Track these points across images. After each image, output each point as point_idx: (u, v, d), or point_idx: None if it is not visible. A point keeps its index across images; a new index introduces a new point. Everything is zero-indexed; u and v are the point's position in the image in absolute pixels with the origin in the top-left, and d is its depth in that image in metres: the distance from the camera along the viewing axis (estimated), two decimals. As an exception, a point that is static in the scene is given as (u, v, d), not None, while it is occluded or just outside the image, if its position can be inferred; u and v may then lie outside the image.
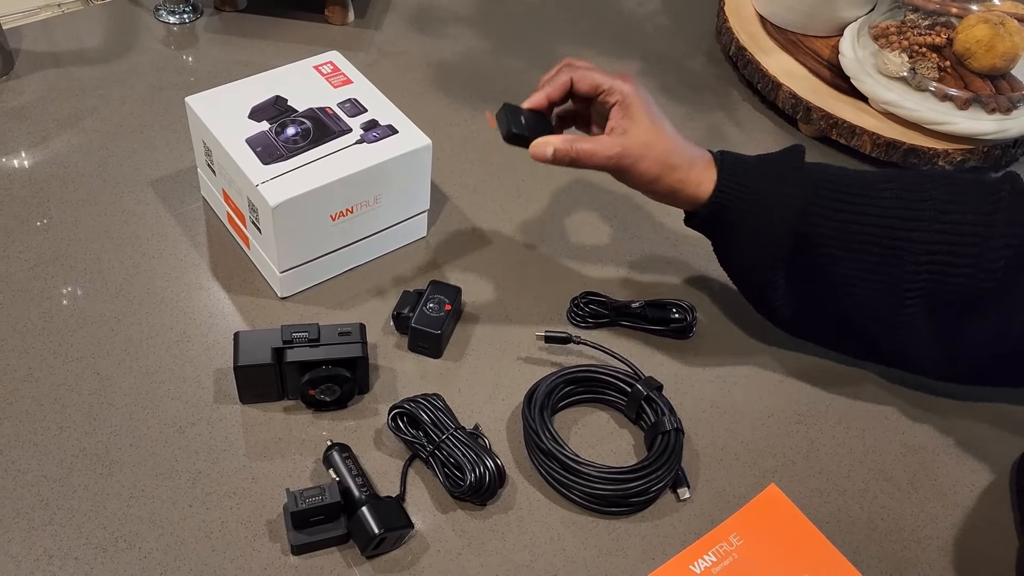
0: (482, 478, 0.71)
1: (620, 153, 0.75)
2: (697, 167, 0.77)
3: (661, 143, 0.76)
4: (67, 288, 0.86)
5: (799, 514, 0.74)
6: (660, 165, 0.76)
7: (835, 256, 0.76)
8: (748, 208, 0.76)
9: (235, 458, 0.75)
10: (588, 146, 0.75)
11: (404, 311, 0.84)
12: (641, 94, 0.76)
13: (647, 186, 0.77)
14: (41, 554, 0.68)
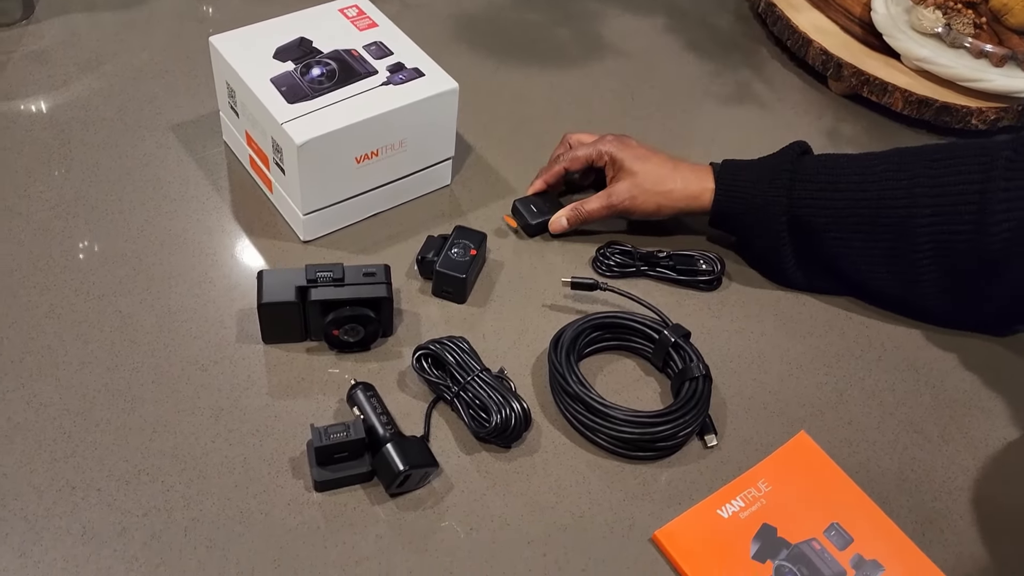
0: (508, 419, 0.70)
1: (614, 202, 0.86)
2: (692, 182, 0.85)
3: (649, 178, 0.85)
4: (88, 228, 0.85)
5: (829, 461, 0.72)
6: (655, 195, 0.85)
7: (837, 239, 0.81)
8: (744, 209, 0.84)
9: (257, 397, 0.74)
10: (590, 206, 0.87)
11: (429, 255, 0.83)
12: (622, 148, 0.88)
13: (656, 214, 0.87)
14: (64, 485, 0.68)
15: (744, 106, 1.08)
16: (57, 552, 0.64)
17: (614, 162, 0.87)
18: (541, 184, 0.91)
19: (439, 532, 0.67)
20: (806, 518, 0.69)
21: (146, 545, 0.65)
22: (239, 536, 0.66)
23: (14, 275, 0.81)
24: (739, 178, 0.84)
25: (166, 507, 0.67)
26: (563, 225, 0.88)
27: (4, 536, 0.64)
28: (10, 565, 0.63)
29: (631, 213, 0.87)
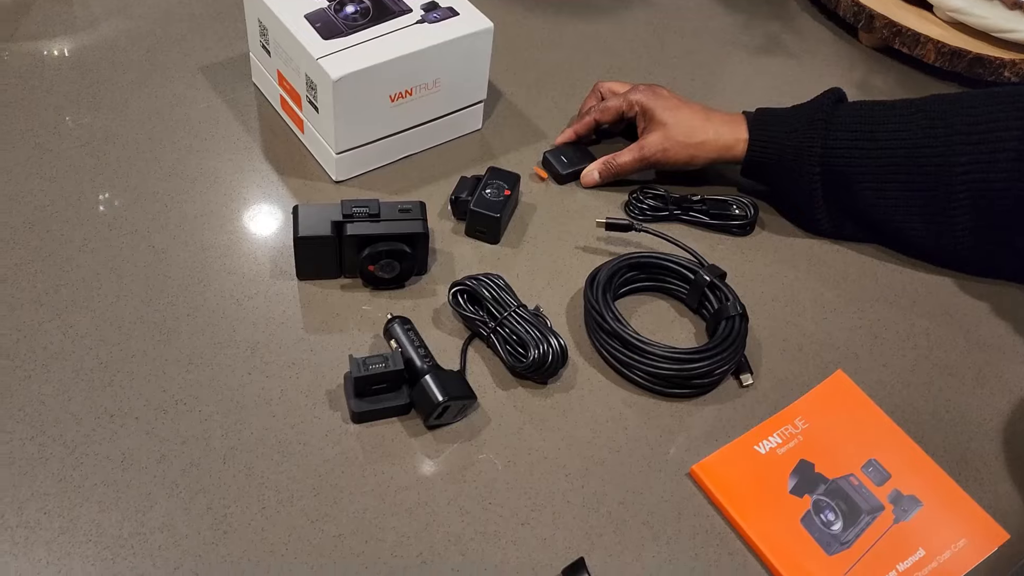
0: (545, 355, 0.70)
1: (646, 154, 0.86)
2: (725, 133, 0.84)
3: (681, 129, 0.84)
4: (119, 165, 0.85)
5: (866, 399, 0.72)
6: (687, 147, 0.84)
7: (871, 189, 0.80)
8: (778, 159, 0.83)
9: (293, 331, 0.74)
10: (622, 159, 0.87)
11: (462, 195, 0.82)
12: (653, 98, 0.86)
13: (689, 165, 0.86)
14: (102, 413, 0.68)
15: (774, 57, 1.07)
16: (97, 477, 0.64)
17: (645, 113, 0.86)
18: (571, 135, 0.91)
19: (476, 464, 0.68)
20: (843, 454, 0.69)
21: (185, 472, 0.65)
22: (277, 465, 0.66)
23: (47, 210, 0.80)
24: (773, 127, 0.83)
25: (204, 436, 0.67)
26: (595, 179, 0.88)
27: (44, 461, 0.65)
28: (51, 489, 0.63)
29: (663, 165, 0.86)
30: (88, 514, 0.62)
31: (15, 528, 0.61)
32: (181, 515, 0.63)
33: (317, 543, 0.62)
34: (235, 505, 0.64)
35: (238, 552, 0.61)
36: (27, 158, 0.84)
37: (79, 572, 0.59)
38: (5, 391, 0.68)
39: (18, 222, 0.79)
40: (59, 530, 0.61)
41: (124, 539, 0.61)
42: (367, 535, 0.63)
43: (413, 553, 0.63)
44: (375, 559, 0.62)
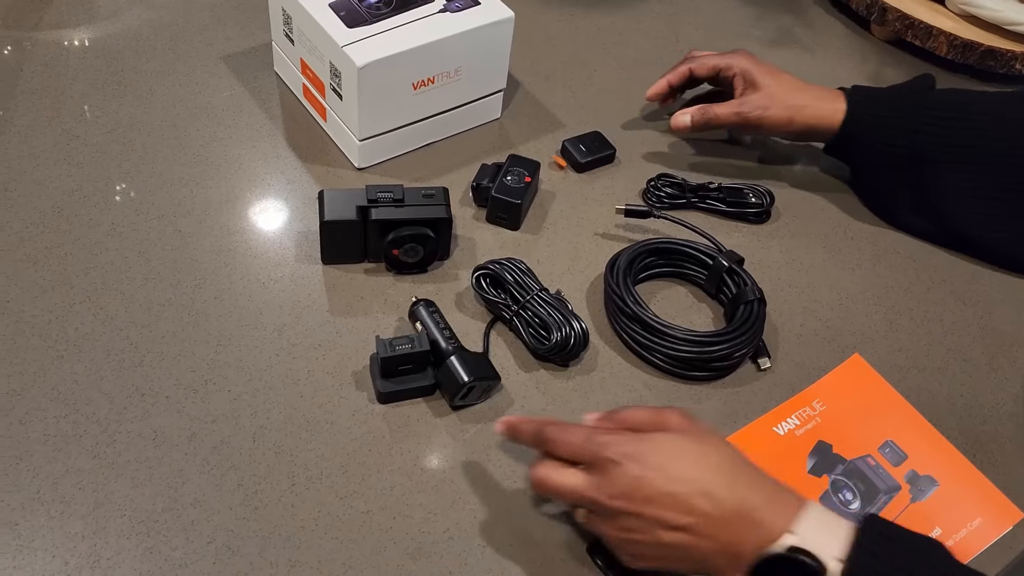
0: (568, 337, 0.72)
1: (746, 110, 0.85)
2: (826, 101, 0.85)
3: (783, 91, 0.85)
4: (145, 151, 0.86)
5: (883, 382, 0.74)
6: (788, 108, 0.85)
7: (956, 173, 0.81)
8: (871, 133, 0.83)
9: (319, 313, 0.75)
10: (720, 110, 0.87)
11: (484, 182, 0.84)
12: (754, 63, 0.87)
13: (783, 128, 0.86)
14: (133, 392, 0.69)
15: (786, 50, 1.08)
16: (130, 454, 0.66)
17: (745, 75, 0.86)
18: (664, 84, 0.91)
19: (500, 444, 0.69)
20: (861, 436, 0.70)
21: (216, 449, 0.66)
22: (306, 444, 0.67)
23: (75, 194, 0.82)
24: (870, 102, 0.84)
25: (233, 415, 0.69)
26: (686, 123, 0.88)
27: (78, 438, 0.66)
28: (85, 465, 0.65)
29: (761, 124, 0.86)
30: (122, 489, 0.64)
31: (51, 503, 0.62)
32: (213, 491, 0.64)
33: (346, 519, 0.64)
34: (265, 482, 0.65)
35: (269, 527, 0.63)
36: (54, 144, 0.86)
37: (114, 546, 0.61)
38: (39, 371, 0.69)
39: (47, 206, 0.80)
40: (94, 504, 0.63)
41: (157, 514, 0.63)
42: (395, 511, 0.64)
43: (440, 529, 0.64)
44: (403, 534, 0.63)
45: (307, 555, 0.62)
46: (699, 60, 0.90)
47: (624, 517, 0.56)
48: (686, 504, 0.55)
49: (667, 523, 0.55)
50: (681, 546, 0.55)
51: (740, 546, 0.54)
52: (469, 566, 0.62)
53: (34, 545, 0.60)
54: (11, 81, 0.91)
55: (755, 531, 0.54)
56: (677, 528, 0.55)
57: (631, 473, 0.56)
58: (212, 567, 0.61)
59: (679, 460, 0.56)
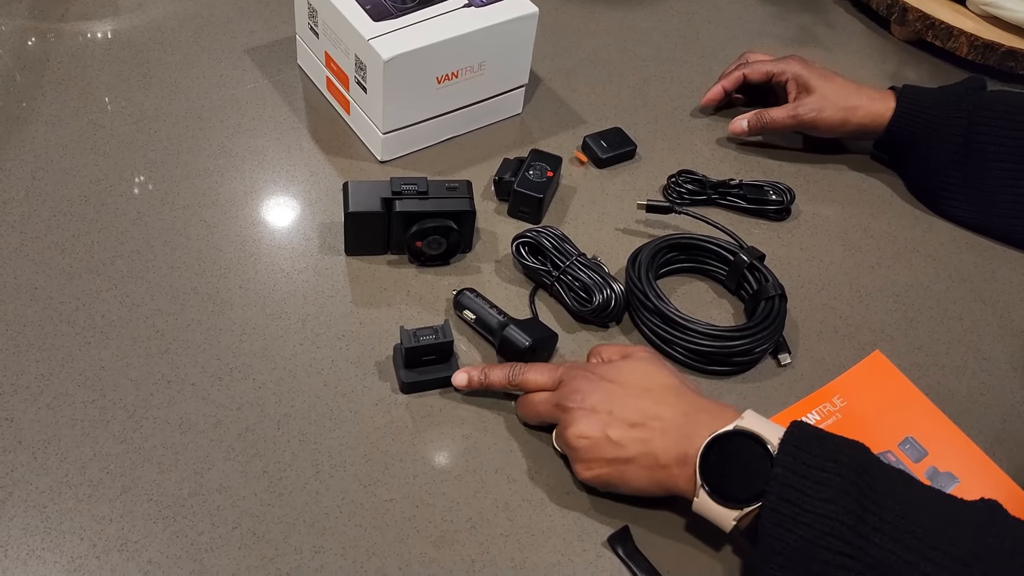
0: (609, 299, 0.74)
1: (801, 112, 0.88)
2: (877, 100, 0.88)
3: (836, 93, 0.88)
4: (170, 142, 0.87)
5: (903, 378, 0.74)
6: (842, 110, 0.88)
7: (1006, 170, 0.83)
8: (922, 130, 0.86)
9: (342, 304, 0.76)
10: (776, 114, 0.90)
11: (506, 176, 0.84)
12: (807, 67, 0.90)
13: (838, 129, 0.89)
14: (159, 379, 0.70)
15: (806, 49, 1.08)
16: (157, 439, 0.66)
17: (798, 79, 0.90)
18: (719, 90, 0.95)
19: (524, 434, 0.69)
20: (881, 432, 0.70)
21: (241, 436, 0.67)
22: (330, 432, 0.68)
23: (101, 184, 0.83)
24: (922, 100, 0.86)
25: (258, 403, 0.69)
26: (743, 127, 0.92)
27: (105, 423, 0.67)
28: (112, 450, 0.65)
29: (816, 125, 0.89)
30: (148, 475, 0.64)
31: (79, 486, 0.63)
32: (238, 477, 0.65)
33: (370, 507, 0.64)
34: (290, 469, 0.66)
35: (293, 514, 0.63)
36: (81, 134, 0.86)
37: (141, 529, 0.62)
38: (67, 356, 0.70)
39: (74, 195, 0.81)
40: (121, 488, 0.63)
41: (183, 499, 0.63)
42: (417, 499, 0.65)
43: (463, 518, 0.64)
44: (426, 523, 0.64)
45: (331, 542, 0.62)
46: (753, 66, 0.94)
47: (582, 418, 0.63)
48: (639, 406, 0.62)
49: (622, 421, 0.62)
50: (634, 443, 0.61)
51: (691, 438, 0.60)
52: (491, 555, 0.63)
53: (63, 528, 0.61)
54: (38, 72, 0.92)
55: (705, 425, 0.60)
56: (631, 425, 0.61)
57: (591, 380, 0.64)
58: (237, 552, 0.61)
59: (634, 373, 0.64)
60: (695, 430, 0.60)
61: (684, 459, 0.60)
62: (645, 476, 0.62)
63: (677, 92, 1.00)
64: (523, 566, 0.62)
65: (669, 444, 0.60)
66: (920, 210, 0.90)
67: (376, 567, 0.61)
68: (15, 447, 0.65)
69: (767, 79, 0.93)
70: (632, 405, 0.62)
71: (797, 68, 0.90)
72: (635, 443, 0.61)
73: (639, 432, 0.61)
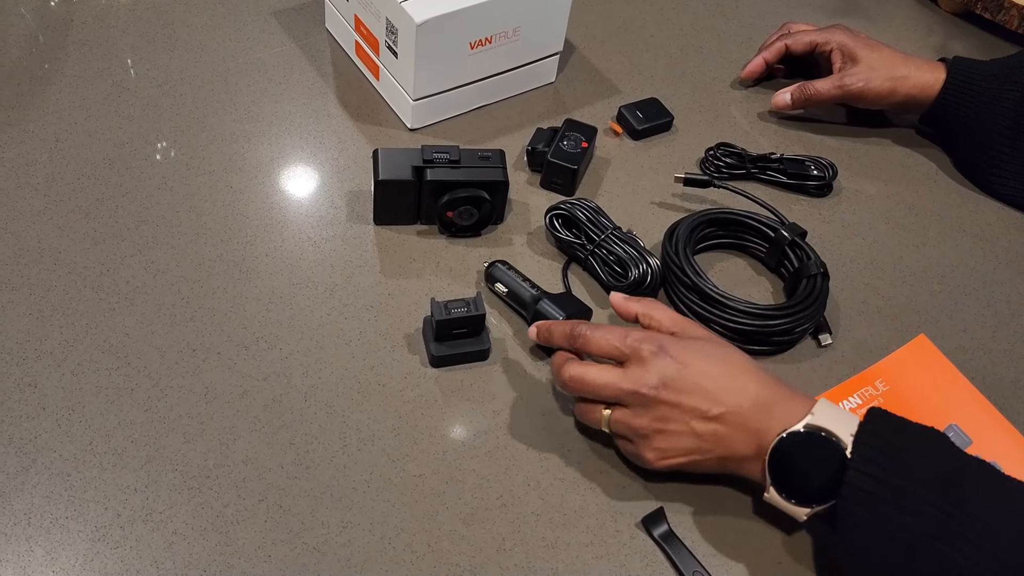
0: (645, 274, 0.72)
1: (848, 83, 0.85)
2: (926, 70, 0.84)
3: (883, 63, 0.85)
4: (196, 106, 0.85)
5: (949, 364, 0.71)
6: (890, 80, 0.84)
7: None
8: (972, 102, 0.82)
9: (370, 275, 0.74)
10: (820, 85, 0.87)
11: (539, 146, 0.82)
12: (852, 36, 0.87)
13: (886, 99, 0.85)
14: (185, 347, 0.68)
15: (850, 20, 1.05)
16: (182, 409, 0.65)
17: (843, 48, 0.86)
18: (760, 62, 0.92)
19: (556, 412, 0.67)
20: (924, 419, 0.67)
21: (267, 408, 0.66)
22: (358, 405, 0.66)
23: (125, 147, 0.81)
24: (973, 73, 0.83)
25: (285, 373, 0.68)
26: (786, 101, 0.88)
27: (130, 391, 0.65)
28: (137, 419, 0.64)
29: (863, 96, 0.86)
30: (174, 444, 0.63)
31: (103, 454, 0.62)
32: (264, 449, 0.63)
33: (398, 482, 0.63)
34: (317, 442, 0.64)
35: (320, 487, 0.62)
36: (105, 96, 0.85)
37: (166, 500, 0.60)
38: (91, 323, 0.69)
39: (98, 158, 0.80)
40: (146, 458, 0.62)
41: (209, 470, 0.62)
42: (447, 476, 0.63)
43: (493, 495, 0.63)
44: (456, 499, 0.62)
45: (359, 517, 0.61)
46: (795, 36, 0.90)
47: (661, 407, 0.59)
48: (718, 397, 0.59)
49: (702, 414, 0.58)
50: (712, 436, 0.59)
51: (765, 433, 0.58)
52: (522, 534, 0.61)
53: (87, 496, 0.60)
54: (61, 33, 0.90)
55: (778, 419, 0.58)
56: (711, 419, 0.58)
57: (671, 365, 0.59)
58: (264, 525, 0.60)
59: (709, 359, 0.60)
60: (769, 425, 0.58)
61: (757, 453, 0.58)
62: (718, 466, 0.60)
63: (715, 62, 0.97)
64: (555, 546, 0.61)
65: (745, 438, 0.58)
66: (967, 188, 0.87)
67: (405, 543, 0.60)
68: (39, 413, 0.63)
69: (810, 49, 0.89)
70: (714, 396, 0.58)
71: (842, 37, 0.87)
72: (714, 437, 0.59)
73: (719, 426, 0.58)
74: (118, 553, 0.58)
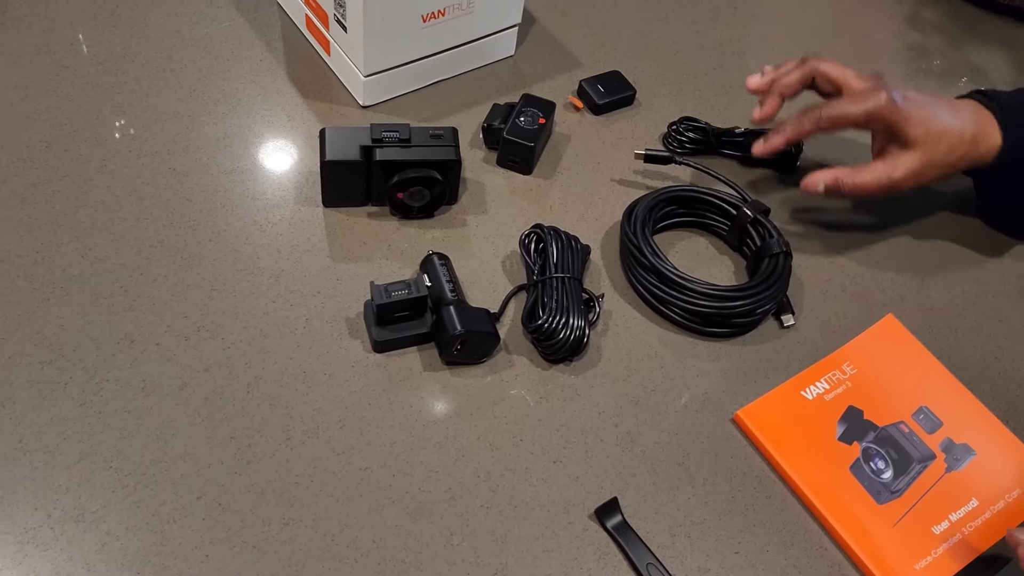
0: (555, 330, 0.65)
1: (896, 179, 0.71)
2: (979, 142, 0.71)
3: (940, 149, 0.70)
4: (139, 84, 0.82)
5: (918, 344, 0.69)
6: (945, 167, 0.71)
7: None
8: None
9: (318, 259, 0.72)
10: (863, 178, 0.71)
11: (495, 123, 0.79)
12: (904, 109, 0.70)
13: (939, 181, 0.73)
14: (122, 338, 0.66)
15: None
16: (118, 403, 0.62)
17: (892, 128, 0.70)
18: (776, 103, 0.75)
19: (507, 400, 0.65)
20: (894, 401, 0.66)
21: (208, 400, 0.63)
22: (303, 395, 0.64)
23: (64, 128, 0.77)
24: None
25: (227, 364, 0.65)
26: (818, 190, 0.73)
27: (64, 385, 0.63)
28: (71, 414, 0.61)
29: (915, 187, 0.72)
30: (109, 440, 0.60)
31: (34, 452, 0.59)
32: (204, 444, 0.61)
33: (343, 475, 0.61)
34: (259, 435, 0.62)
35: (262, 483, 0.60)
36: (43, 75, 0.81)
37: (99, 499, 0.58)
38: (24, 313, 0.66)
39: (35, 140, 0.76)
40: (79, 455, 0.60)
41: (146, 466, 0.60)
42: (394, 468, 0.61)
43: (442, 488, 0.61)
44: (402, 493, 0.60)
45: (302, 512, 0.59)
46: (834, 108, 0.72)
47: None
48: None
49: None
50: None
51: None
52: (471, 528, 0.59)
53: (15, 497, 0.57)
54: (-1, 7, 0.86)
55: None
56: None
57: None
58: (201, 523, 0.58)
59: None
60: None
61: None
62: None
63: (680, 33, 0.94)
64: (504, 539, 0.59)
65: None
66: (937, 162, 0.85)
67: (348, 540, 0.58)
68: (-33, 410, 0.61)
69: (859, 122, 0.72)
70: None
71: (892, 114, 0.69)
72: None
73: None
74: (48, 555, 0.55)
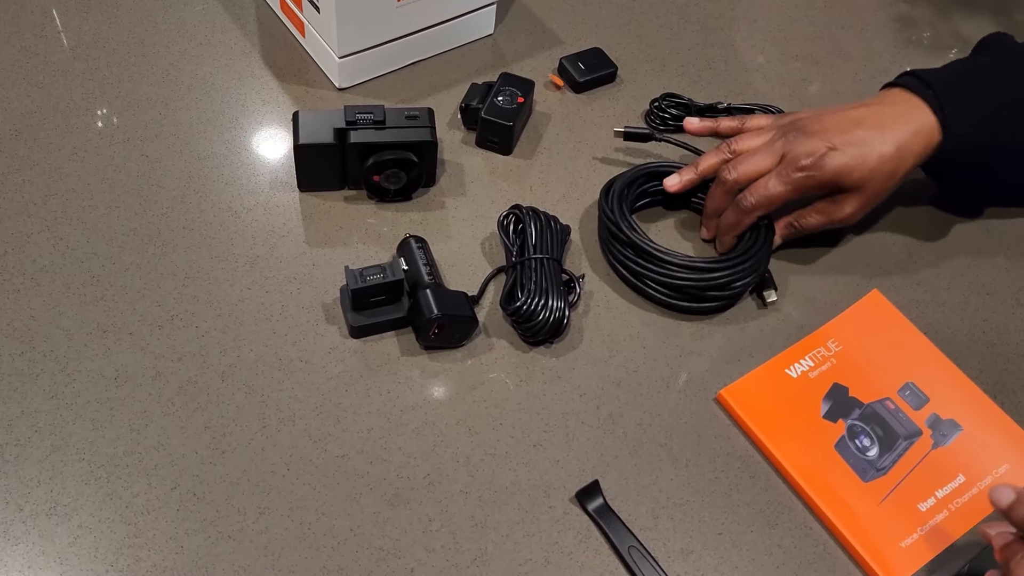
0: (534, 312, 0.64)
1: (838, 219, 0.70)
2: (919, 143, 0.68)
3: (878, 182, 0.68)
4: (110, 70, 0.80)
5: (904, 320, 0.68)
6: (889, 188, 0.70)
7: None
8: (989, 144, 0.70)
9: (294, 244, 0.70)
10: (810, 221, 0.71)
11: (473, 102, 0.77)
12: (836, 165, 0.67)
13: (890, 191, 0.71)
14: (94, 328, 0.65)
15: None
16: (90, 394, 0.61)
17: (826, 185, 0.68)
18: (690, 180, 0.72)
19: (487, 383, 0.64)
20: (879, 378, 0.65)
21: (182, 390, 0.62)
22: (279, 383, 0.63)
23: (34, 116, 0.76)
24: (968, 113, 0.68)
25: (201, 352, 0.64)
26: (778, 243, 0.72)
27: (35, 377, 0.62)
28: (41, 406, 0.61)
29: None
30: (81, 432, 0.60)
31: (4, 446, 0.59)
32: (177, 434, 0.60)
33: (320, 463, 0.60)
34: (234, 424, 0.61)
35: (237, 472, 0.59)
36: (12, 62, 0.80)
37: (72, 492, 0.57)
38: (-8, 305, 0.65)
39: (4, 129, 0.75)
40: (51, 448, 0.59)
41: (119, 458, 0.59)
42: (372, 455, 0.60)
43: (420, 474, 0.60)
44: (380, 480, 0.59)
45: (278, 502, 0.58)
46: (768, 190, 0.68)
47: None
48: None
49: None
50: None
51: None
52: (450, 514, 0.58)
53: (-14, 491, 0.57)
54: (-33, -5, 0.85)
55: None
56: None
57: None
58: (176, 514, 0.57)
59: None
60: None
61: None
62: None
63: (662, 8, 0.92)
64: (484, 525, 0.58)
65: None
66: (923, 134, 0.83)
67: (325, 528, 0.57)
68: (-64, 404, 0.60)
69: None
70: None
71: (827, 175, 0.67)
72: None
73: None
74: (19, 550, 0.55)
